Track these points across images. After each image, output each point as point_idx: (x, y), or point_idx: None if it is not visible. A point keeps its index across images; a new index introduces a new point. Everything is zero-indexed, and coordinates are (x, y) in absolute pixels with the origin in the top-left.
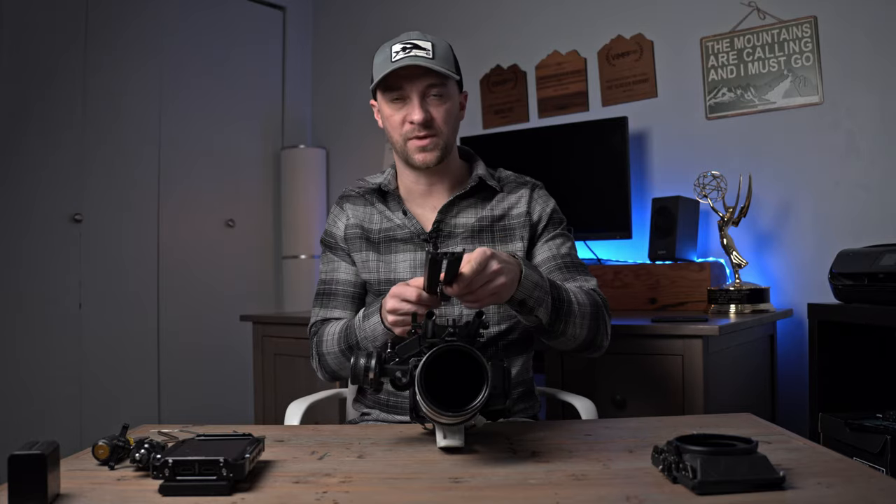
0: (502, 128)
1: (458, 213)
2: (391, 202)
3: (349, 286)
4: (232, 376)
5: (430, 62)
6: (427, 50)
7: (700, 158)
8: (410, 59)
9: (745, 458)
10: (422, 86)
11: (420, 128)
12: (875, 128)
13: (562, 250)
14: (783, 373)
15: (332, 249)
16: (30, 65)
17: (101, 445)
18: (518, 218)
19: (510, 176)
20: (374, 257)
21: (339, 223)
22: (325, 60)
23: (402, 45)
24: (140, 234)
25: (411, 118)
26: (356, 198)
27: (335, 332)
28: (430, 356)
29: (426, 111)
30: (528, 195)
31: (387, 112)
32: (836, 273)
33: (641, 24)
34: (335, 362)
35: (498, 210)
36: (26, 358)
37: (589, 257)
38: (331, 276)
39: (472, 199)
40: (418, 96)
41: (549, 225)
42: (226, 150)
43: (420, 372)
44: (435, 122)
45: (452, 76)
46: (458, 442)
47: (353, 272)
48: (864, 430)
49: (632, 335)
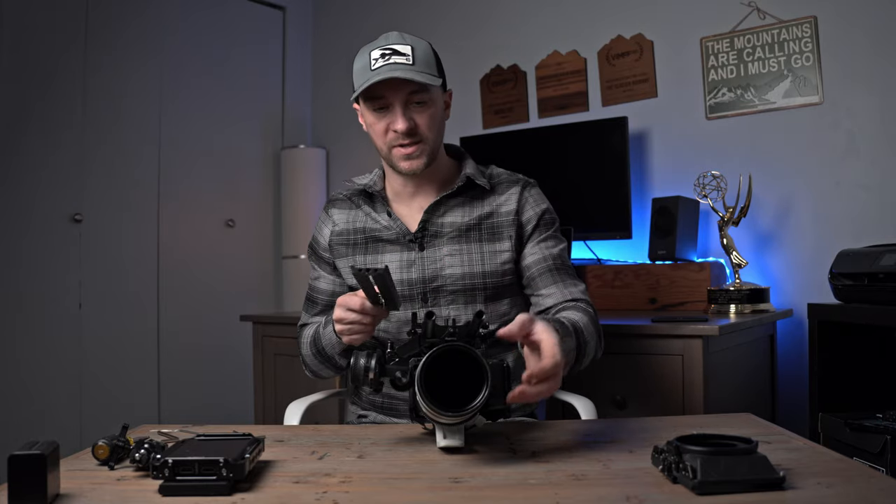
0: (502, 128)
1: (446, 212)
2: (377, 203)
3: (328, 296)
4: (232, 376)
5: (410, 70)
6: (406, 55)
7: (700, 158)
8: (389, 68)
9: (746, 458)
10: (403, 94)
11: (404, 136)
12: (875, 128)
13: (552, 251)
14: (783, 373)
15: (315, 257)
16: (30, 65)
17: (101, 445)
18: (507, 216)
19: (502, 174)
20: (361, 260)
21: (325, 230)
22: (325, 60)
23: (381, 52)
24: (140, 234)
25: (395, 127)
26: (342, 201)
27: (309, 336)
28: (430, 356)
29: (409, 119)
30: (518, 193)
31: (370, 120)
32: (836, 273)
33: (641, 24)
34: (312, 364)
35: (486, 208)
36: (26, 358)
37: (589, 257)
38: (314, 284)
39: (460, 198)
40: (401, 105)
41: (540, 225)
42: (226, 150)
43: (420, 372)
44: (419, 129)
45: (434, 83)
46: (458, 442)
47: (332, 282)
48: (864, 430)
49: (632, 335)
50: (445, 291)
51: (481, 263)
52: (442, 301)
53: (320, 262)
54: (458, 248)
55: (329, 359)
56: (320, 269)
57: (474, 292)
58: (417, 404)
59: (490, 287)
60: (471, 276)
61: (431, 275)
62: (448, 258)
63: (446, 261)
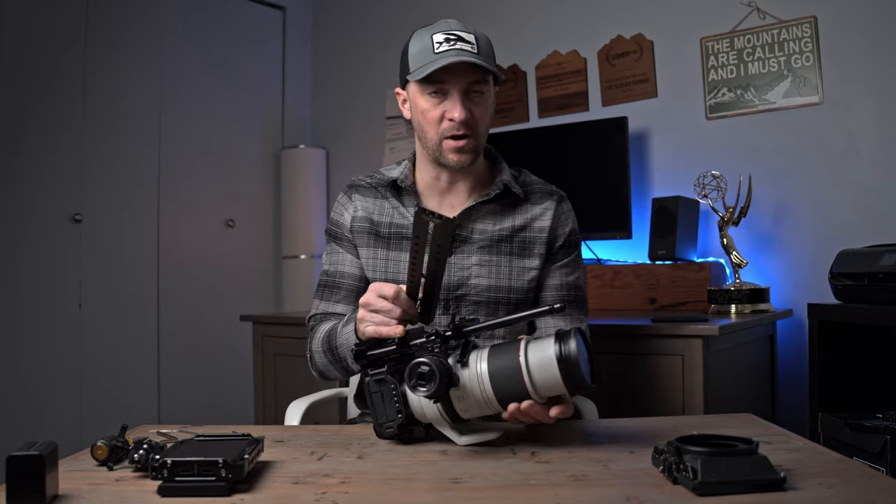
0: (502, 128)
1: (478, 218)
2: (406, 198)
3: (354, 280)
4: (232, 376)
5: (478, 58)
6: (472, 43)
7: (700, 158)
8: (456, 53)
9: (746, 459)
10: (465, 82)
11: (460, 126)
12: (875, 128)
13: (569, 280)
14: (783, 373)
15: (337, 240)
16: (30, 65)
17: (100, 446)
18: (540, 233)
19: (535, 182)
20: (383, 255)
21: (346, 213)
22: (325, 60)
23: (446, 36)
24: (140, 234)
25: (452, 115)
26: (366, 188)
27: (324, 331)
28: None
29: (468, 110)
30: (553, 209)
31: (423, 106)
32: (836, 273)
33: (641, 24)
34: (321, 362)
35: (520, 220)
36: (26, 358)
37: (589, 257)
38: (335, 268)
39: (494, 205)
40: (460, 93)
41: (565, 246)
42: (226, 151)
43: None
44: (475, 121)
45: (498, 74)
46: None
47: (359, 265)
48: (864, 430)
49: (632, 335)
50: (469, 301)
51: (508, 278)
52: (464, 310)
53: (343, 245)
54: (489, 259)
55: (340, 360)
56: (344, 253)
57: (497, 305)
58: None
59: (514, 302)
60: (496, 289)
61: (457, 282)
62: (476, 268)
63: (474, 270)
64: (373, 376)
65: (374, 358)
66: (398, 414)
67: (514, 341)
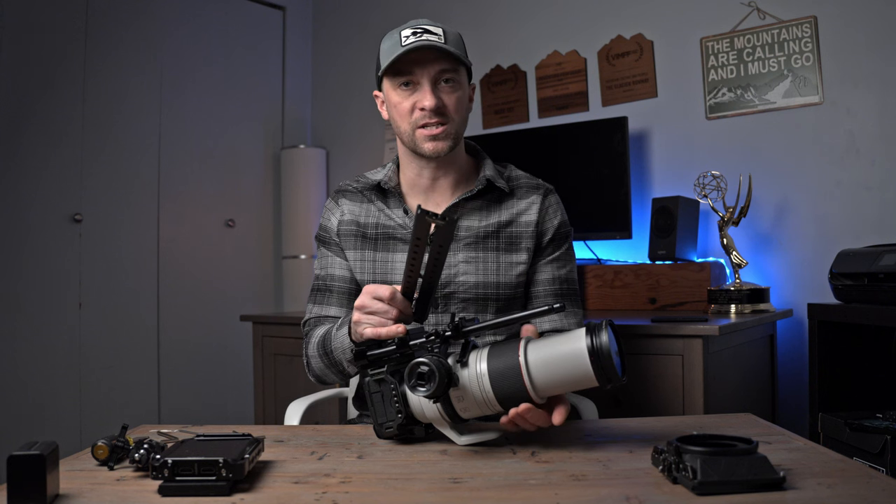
0: (502, 128)
1: (463, 215)
2: (391, 199)
3: (345, 282)
4: (232, 376)
5: (443, 45)
6: (438, 35)
7: (700, 158)
8: (422, 42)
9: (746, 459)
10: (434, 71)
11: (431, 114)
12: (875, 128)
13: (560, 273)
14: (783, 373)
15: (326, 244)
16: (30, 65)
17: (101, 446)
18: (527, 227)
19: (521, 177)
20: (371, 256)
21: (334, 218)
22: (325, 60)
23: (413, 30)
24: (140, 234)
25: (422, 104)
26: (353, 193)
27: (318, 336)
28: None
29: (438, 98)
30: (539, 202)
31: (394, 99)
32: (836, 273)
33: (641, 24)
34: (317, 366)
35: (506, 215)
36: (26, 357)
37: (589, 257)
38: (326, 271)
39: (479, 201)
40: (430, 82)
41: (554, 240)
42: (226, 150)
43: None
44: (447, 109)
45: (465, 62)
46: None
47: (349, 268)
48: (864, 430)
49: (632, 335)
50: (457, 298)
51: (496, 274)
52: (452, 307)
53: (332, 248)
54: (475, 256)
55: (336, 364)
56: (333, 256)
57: (486, 301)
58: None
59: (503, 298)
60: (484, 285)
61: (444, 280)
62: (463, 265)
63: (461, 267)
64: (372, 376)
65: (373, 358)
66: (398, 414)
67: (513, 341)
